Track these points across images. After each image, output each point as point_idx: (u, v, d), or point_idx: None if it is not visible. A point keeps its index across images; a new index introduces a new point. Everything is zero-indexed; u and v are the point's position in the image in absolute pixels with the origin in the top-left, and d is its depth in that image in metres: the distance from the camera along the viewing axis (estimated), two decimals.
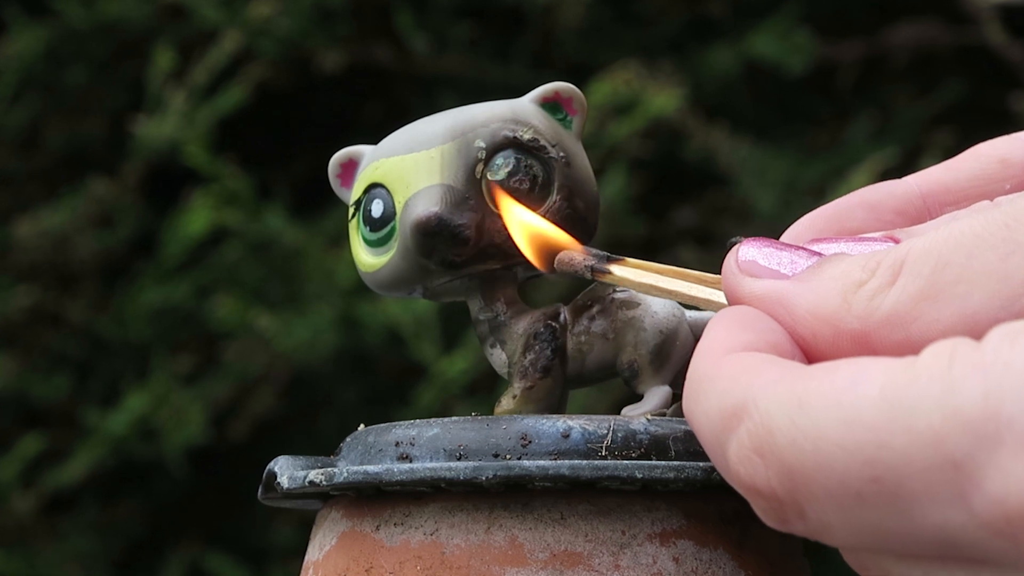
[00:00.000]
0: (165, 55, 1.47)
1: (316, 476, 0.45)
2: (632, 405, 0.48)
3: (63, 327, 1.52)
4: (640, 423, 0.45)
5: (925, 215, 0.45)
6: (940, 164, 0.46)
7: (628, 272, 0.46)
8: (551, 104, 0.50)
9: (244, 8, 1.48)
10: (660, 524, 0.44)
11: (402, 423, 0.46)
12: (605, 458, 0.44)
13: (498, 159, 0.48)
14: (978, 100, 1.55)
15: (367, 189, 0.50)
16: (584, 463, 0.43)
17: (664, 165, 1.53)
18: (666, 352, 0.48)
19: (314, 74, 1.53)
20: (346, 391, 1.55)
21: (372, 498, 0.45)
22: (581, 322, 0.49)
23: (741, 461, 0.37)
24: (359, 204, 0.50)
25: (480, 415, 0.46)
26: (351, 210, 0.50)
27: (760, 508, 0.37)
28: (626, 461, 0.44)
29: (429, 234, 0.48)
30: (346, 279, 1.43)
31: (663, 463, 0.44)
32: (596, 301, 0.49)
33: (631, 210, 1.47)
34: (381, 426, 0.46)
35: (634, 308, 0.48)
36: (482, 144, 0.48)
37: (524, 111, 0.49)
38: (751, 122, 1.52)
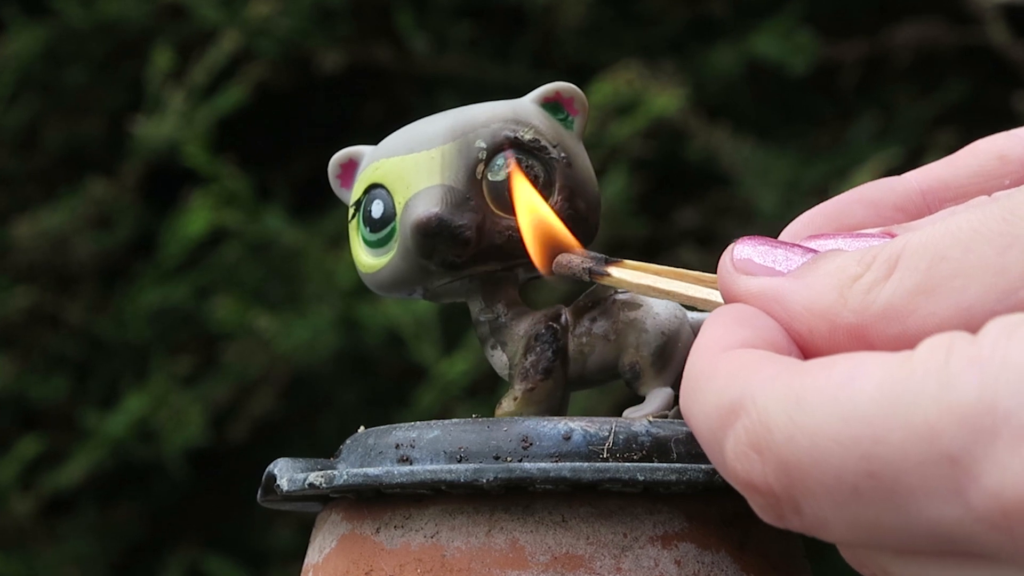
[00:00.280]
0: (164, 55, 1.47)
1: (316, 478, 0.45)
2: (634, 407, 0.48)
3: (62, 328, 1.52)
4: (642, 425, 0.45)
5: (925, 211, 0.45)
6: (939, 160, 0.46)
7: (626, 274, 0.46)
8: (552, 104, 0.50)
9: (243, 8, 1.48)
10: (662, 527, 0.44)
11: (402, 425, 0.46)
12: (607, 460, 0.44)
13: (499, 159, 0.48)
14: (981, 100, 1.55)
15: (367, 190, 0.49)
16: (585, 465, 0.43)
17: (666, 165, 1.53)
18: (668, 353, 0.48)
19: (314, 74, 1.53)
20: (346, 392, 1.55)
21: (372, 500, 0.45)
22: (582, 323, 0.49)
23: (738, 457, 0.37)
24: (359, 205, 0.50)
25: (481, 417, 0.46)
26: (351, 211, 0.50)
27: (757, 504, 0.37)
28: (628, 463, 0.44)
29: (429, 235, 0.47)
30: (346, 280, 1.43)
31: (665, 465, 0.44)
32: (597, 302, 0.49)
33: (633, 211, 1.47)
34: (381, 428, 0.46)
35: (636, 309, 0.48)
36: (483, 144, 0.48)
37: (525, 111, 0.49)
38: (753, 122, 1.52)
